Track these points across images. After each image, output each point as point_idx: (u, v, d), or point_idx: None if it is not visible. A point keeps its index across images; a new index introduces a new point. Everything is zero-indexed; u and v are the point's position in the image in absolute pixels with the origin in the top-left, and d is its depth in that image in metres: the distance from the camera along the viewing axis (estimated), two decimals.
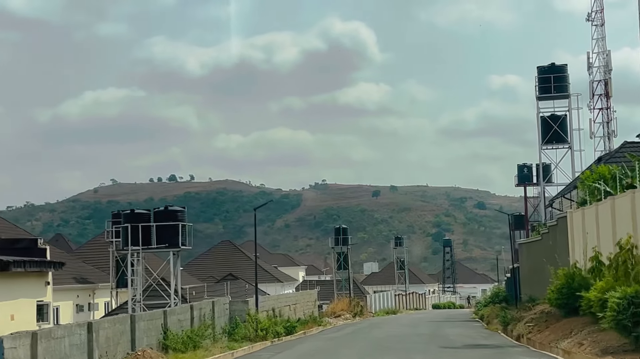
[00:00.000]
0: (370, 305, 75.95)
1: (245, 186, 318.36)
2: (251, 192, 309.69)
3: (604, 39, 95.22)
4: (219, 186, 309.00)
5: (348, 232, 78.66)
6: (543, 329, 29.69)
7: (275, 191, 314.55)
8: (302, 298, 54.26)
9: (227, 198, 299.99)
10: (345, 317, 58.97)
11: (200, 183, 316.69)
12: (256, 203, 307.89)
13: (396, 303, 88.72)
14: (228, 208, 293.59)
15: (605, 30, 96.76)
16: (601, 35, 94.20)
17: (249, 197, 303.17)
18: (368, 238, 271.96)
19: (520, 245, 53.81)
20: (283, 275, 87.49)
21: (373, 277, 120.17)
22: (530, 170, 70.45)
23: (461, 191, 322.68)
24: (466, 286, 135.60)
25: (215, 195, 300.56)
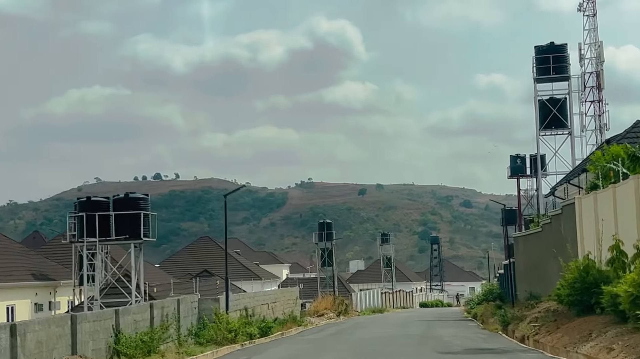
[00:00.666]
0: (356, 304, 71.73)
1: (230, 185, 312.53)
2: None
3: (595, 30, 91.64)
4: (204, 184, 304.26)
5: (333, 227, 74.42)
6: (553, 330, 25.50)
7: (260, 190, 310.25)
8: (282, 296, 49.98)
9: (212, 197, 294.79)
10: (328, 316, 54.70)
11: (186, 182, 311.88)
12: (242, 201, 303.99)
13: (383, 301, 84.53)
14: (213, 207, 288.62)
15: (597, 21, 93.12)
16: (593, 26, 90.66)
17: (235, 196, 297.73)
18: (354, 236, 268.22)
19: (516, 238, 49.67)
20: (265, 273, 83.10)
21: (359, 275, 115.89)
22: (524, 161, 66.48)
23: (447, 190, 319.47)
24: (454, 284, 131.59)
25: (201, 194, 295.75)
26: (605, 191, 27.19)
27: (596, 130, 74.90)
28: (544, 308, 30.90)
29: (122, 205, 34.24)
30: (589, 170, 31.13)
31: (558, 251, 35.63)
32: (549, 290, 36.64)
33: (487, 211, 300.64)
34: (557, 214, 35.56)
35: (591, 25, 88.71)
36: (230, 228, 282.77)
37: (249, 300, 40.43)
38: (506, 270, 55.43)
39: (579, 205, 30.80)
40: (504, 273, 56.11)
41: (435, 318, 50.97)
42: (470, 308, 52.83)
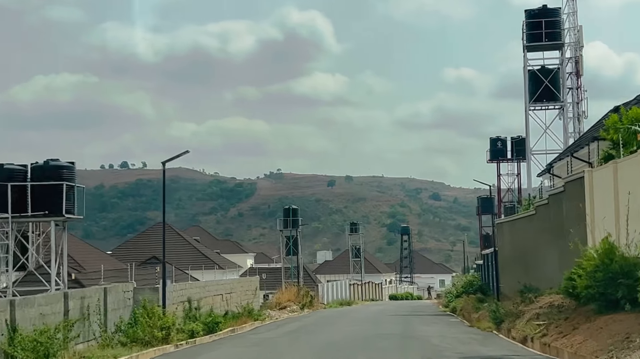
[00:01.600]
0: (322, 296, 65.97)
1: (198, 175, 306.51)
2: (205, 180, 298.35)
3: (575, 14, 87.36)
4: (171, 174, 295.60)
5: (298, 214, 68.51)
6: (568, 330, 19.86)
7: (229, 180, 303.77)
8: (239, 286, 44.05)
9: (180, 186, 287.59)
10: (291, 309, 48.86)
11: (153, 171, 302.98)
12: (210, 191, 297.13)
13: (351, 293, 78.87)
14: (181, 196, 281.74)
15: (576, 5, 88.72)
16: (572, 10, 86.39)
17: (203, 186, 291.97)
18: (322, 228, 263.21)
19: (499, 225, 44.12)
20: (226, 262, 76.90)
21: (326, 266, 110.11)
22: (505, 144, 61.07)
23: (416, 183, 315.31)
24: (424, 276, 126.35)
25: (168, 183, 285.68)
26: (630, 159, 21.62)
27: (574, 118, 69.80)
28: (546, 302, 25.28)
29: (41, 174, 28.00)
30: (602, 137, 25.46)
31: (557, 236, 30.09)
32: (543, 281, 31.14)
33: (455, 205, 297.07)
34: (557, 193, 29.95)
35: (570, 9, 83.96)
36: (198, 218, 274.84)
37: (198, 290, 34.43)
38: (486, 260, 49.92)
39: (589, 179, 25.19)
40: (484, 264, 50.62)
41: (410, 312, 45.30)
42: (448, 301, 47.21)
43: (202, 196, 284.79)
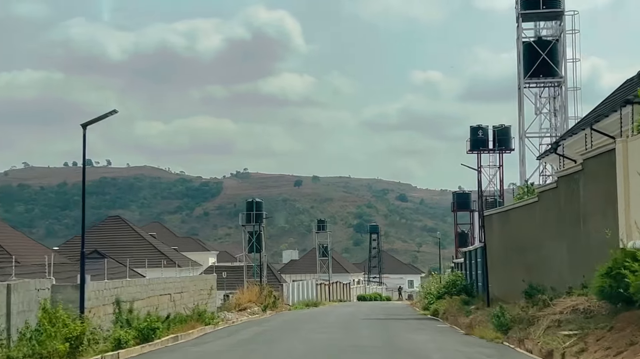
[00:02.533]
0: (287, 296, 60.14)
1: (164, 173, 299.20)
2: (170, 179, 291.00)
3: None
4: (136, 172, 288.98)
5: (262, 207, 62.57)
6: (621, 346, 14.26)
7: (195, 179, 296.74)
8: (191, 285, 38.03)
9: (144, 184, 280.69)
10: (252, 311, 42.97)
11: (117, 169, 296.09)
12: (175, 190, 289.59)
13: (318, 293, 73.15)
14: (145, 195, 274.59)
15: None
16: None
17: (168, 184, 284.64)
18: (289, 228, 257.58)
19: (488, 217, 38.54)
20: (184, 259, 70.71)
21: (292, 265, 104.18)
22: (486, 133, 55.64)
23: (383, 184, 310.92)
24: (392, 276, 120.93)
25: (133, 181, 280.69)
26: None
27: (550, 113, 64.74)
28: (568, 306, 19.71)
29: None
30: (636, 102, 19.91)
31: (570, 226, 24.57)
32: (548, 279, 25.65)
33: (422, 206, 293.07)
34: (570, 174, 24.39)
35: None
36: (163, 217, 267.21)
37: (137, 289, 28.41)
38: (469, 258, 44.37)
39: (623, 151, 19.63)
40: (466, 262, 45.08)
41: (387, 315, 39.61)
42: (428, 303, 41.50)
43: (167, 195, 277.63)
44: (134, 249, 61.82)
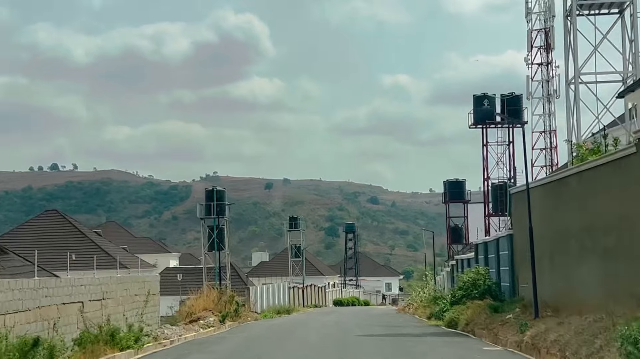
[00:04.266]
0: (255, 301, 49.07)
1: (132, 177, 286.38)
2: (138, 183, 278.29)
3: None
4: (103, 176, 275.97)
5: (225, 197, 51.52)
6: None
7: (164, 183, 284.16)
8: (119, 290, 26.91)
9: (111, 189, 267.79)
10: (206, 323, 31.91)
11: (84, 173, 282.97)
12: (143, 194, 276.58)
13: (290, 298, 62.21)
14: (112, 199, 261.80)
15: None
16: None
17: (136, 188, 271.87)
18: (260, 231, 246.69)
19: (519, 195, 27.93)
20: (134, 260, 59.31)
21: (262, 267, 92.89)
22: (493, 103, 45.11)
23: (354, 186, 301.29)
24: (369, 279, 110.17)
25: (99, 185, 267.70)
26: None
27: (544, 98, 54.63)
28: None
29: None
30: None
31: None
32: None
33: (394, 209, 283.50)
34: None
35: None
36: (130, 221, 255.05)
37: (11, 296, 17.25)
38: (485, 251, 33.65)
39: None
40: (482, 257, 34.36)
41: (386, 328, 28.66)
42: (440, 310, 30.52)
43: (135, 199, 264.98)
44: (72, 246, 50.63)
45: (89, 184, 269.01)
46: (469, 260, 39.29)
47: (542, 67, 72.30)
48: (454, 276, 45.71)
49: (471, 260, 38.68)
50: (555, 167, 73.15)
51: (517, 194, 28.47)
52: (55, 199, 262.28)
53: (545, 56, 74.07)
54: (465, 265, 40.33)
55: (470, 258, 38.84)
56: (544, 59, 73.96)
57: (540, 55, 74.71)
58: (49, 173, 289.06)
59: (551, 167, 73.83)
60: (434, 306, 34.88)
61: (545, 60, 73.75)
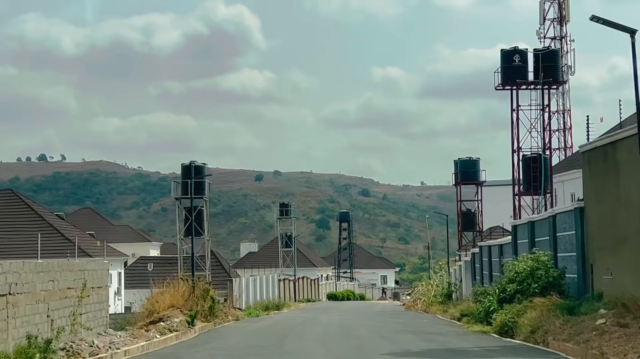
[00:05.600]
0: (239, 296, 40.74)
1: (120, 168, 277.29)
2: (127, 174, 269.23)
3: None
4: (92, 167, 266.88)
5: (204, 172, 43.17)
6: None
7: (153, 174, 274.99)
8: (38, 281, 18.49)
9: (100, 180, 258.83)
10: (168, 326, 23.60)
11: (72, 164, 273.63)
12: (132, 185, 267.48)
13: (280, 291, 53.98)
14: (100, 190, 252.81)
15: None
16: None
17: (124, 179, 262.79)
18: (250, 223, 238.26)
19: (590, 154, 19.68)
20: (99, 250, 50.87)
21: (250, 259, 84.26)
22: (525, 58, 36.86)
23: (345, 179, 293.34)
24: (364, 271, 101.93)
25: (88, 176, 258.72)
26: None
27: None
28: None
29: None
30: None
31: None
32: None
33: (385, 201, 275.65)
34: None
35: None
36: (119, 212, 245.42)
37: None
38: (531, 233, 25.42)
39: None
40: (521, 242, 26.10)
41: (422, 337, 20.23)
42: (485, 310, 21.89)
43: (124, 191, 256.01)
44: (26, 230, 42.38)
45: (77, 175, 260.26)
46: (501, 246, 31.07)
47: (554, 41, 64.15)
48: (475, 267, 37.53)
49: (505, 246, 30.48)
50: (570, 150, 65.02)
51: (593, 152, 20.23)
52: (42, 190, 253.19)
53: (559, 29, 65.92)
54: (495, 253, 32.11)
55: (505, 244, 30.61)
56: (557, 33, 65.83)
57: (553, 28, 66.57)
58: (36, 164, 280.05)
59: (564, 149, 65.65)
60: (448, 301, 26.65)
61: (559, 33, 65.61)
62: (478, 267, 36.35)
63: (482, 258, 35.23)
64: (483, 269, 35.16)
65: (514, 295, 20.28)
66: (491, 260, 33.21)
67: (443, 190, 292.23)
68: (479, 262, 36.12)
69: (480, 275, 35.59)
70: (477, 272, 36.60)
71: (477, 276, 36.60)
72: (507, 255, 29.54)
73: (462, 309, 28.34)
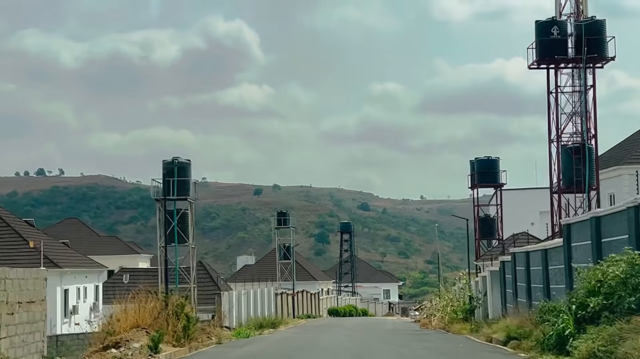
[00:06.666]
0: (228, 311, 34.46)
1: (119, 182, 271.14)
2: (125, 188, 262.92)
3: None
4: (90, 181, 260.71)
5: (189, 171, 37.00)
6: None
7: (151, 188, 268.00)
8: None
9: (98, 194, 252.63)
10: (122, 353, 17.21)
11: (70, 178, 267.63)
12: (130, 200, 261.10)
13: (278, 306, 47.70)
14: (98, 204, 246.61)
15: None
16: None
17: (122, 193, 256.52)
18: (249, 237, 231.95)
19: None
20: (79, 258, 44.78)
21: (246, 272, 77.78)
22: (564, 29, 30.90)
23: (344, 193, 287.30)
24: (366, 285, 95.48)
25: (86, 190, 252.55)
26: None
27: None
28: None
29: None
30: None
31: None
32: None
33: (384, 215, 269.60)
34: None
35: None
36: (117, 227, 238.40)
37: None
38: (601, 231, 19.09)
39: None
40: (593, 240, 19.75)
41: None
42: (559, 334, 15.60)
43: (122, 205, 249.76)
44: None
45: (75, 189, 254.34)
46: (546, 251, 24.78)
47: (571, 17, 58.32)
48: (505, 278, 31.27)
49: (552, 250, 24.22)
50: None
51: None
52: (40, 204, 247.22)
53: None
54: (537, 260, 25.86)
55: (551, 248, 24.34)
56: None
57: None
58: (34, 178, 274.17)
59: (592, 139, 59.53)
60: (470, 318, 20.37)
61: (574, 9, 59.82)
62: (510, 278, 30.07)
63: (516, 266, 28.96)
64: (517, 280, 28.91)
65: (599, 312, 14.12)
66: (529, 268, 26.95)
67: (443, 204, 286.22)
68: (511, 272, 29.83)
69: (513, 287, 29.33)
70: (509, 284, 30.34)
71: (508, 288, 30.36)
72: (556, 262, 23.34)
73: (501, 328, 22.11)
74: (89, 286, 42.35)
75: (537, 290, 25.95)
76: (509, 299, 30.23)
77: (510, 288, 30.01)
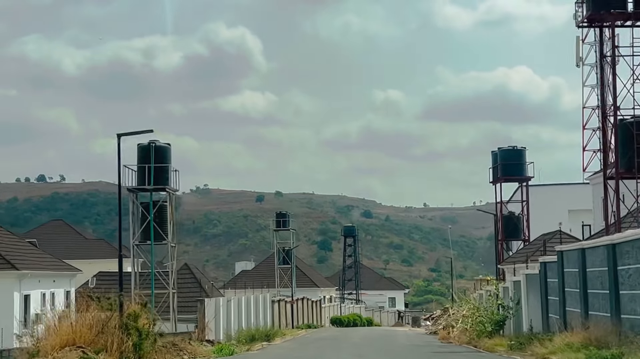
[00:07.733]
0: (213, 323, 28.43)
1: None
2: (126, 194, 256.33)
3: None
4: (91, 187, 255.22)
5: (169, 156, 31.13)
6: None
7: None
8: None
9: (99, 200, 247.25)
10: None
11: (71, 184, 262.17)
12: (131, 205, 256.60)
13: (275, 315, 41.68)
14: (99, 211, 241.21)
15: None
16: None
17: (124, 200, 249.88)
18: (250, 244, 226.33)
19: None
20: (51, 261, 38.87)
21: (243, 277, 71.75)
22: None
23: (347, 200, 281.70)
24: (370, 293, 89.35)
25: (86, 197, 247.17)
26: None
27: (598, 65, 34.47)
28: None
29: None
30: None
31: None
32: None
33: (387, 223, 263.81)
34: None
35: None
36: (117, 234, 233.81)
37: None
38: None
39: None
40: None
41: None
42: None
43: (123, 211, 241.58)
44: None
45: (76, 195, 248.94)
46: (614, 246, 18.83)
47: None
48: (547, 283, 25.34)
49: (624, 245, 18.29)
50: None
51: None
52: (41, 210, 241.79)
53: None
54: (598, 259, 19.99)
55: (622, 242, 18.42)
56: None
57: None
58: (35, 185, 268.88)
59: None
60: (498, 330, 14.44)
61: None
62: (555, 283, 24.10)
63: (564, 268, 23.00)
64: (564, 285, 22.97)
65: None
66: (585, 270, 20.99)
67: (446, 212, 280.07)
68: (556, 275, 23.84)
69: (559, 293, 23.35)
70: (553, 290, 24.38)
71: (552, 295, 24.41)
72: (631, 260, 17.44)
73: (562, 348, 16.20)
74: (58, 291, 36.50)
75: (598, 296, 20.01)
76: (554, 308, 24.30)
77: (555, 295, 24.06)
